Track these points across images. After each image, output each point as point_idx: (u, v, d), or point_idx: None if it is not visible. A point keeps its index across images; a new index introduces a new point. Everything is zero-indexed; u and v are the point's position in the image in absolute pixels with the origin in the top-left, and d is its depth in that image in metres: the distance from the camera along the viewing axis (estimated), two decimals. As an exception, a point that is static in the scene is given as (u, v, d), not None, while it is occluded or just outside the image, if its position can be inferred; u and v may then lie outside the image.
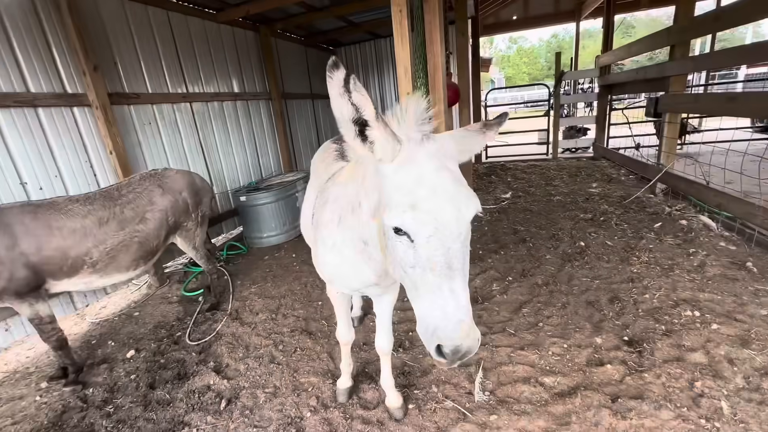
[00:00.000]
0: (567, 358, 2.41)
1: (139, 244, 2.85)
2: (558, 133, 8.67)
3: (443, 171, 1.03)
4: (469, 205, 1.01)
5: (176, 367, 2.82)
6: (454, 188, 1.00)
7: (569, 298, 3.06)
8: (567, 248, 3.91)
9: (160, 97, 4.29)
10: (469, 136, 1.21)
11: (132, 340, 3.23)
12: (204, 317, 3.45)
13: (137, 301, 3.88)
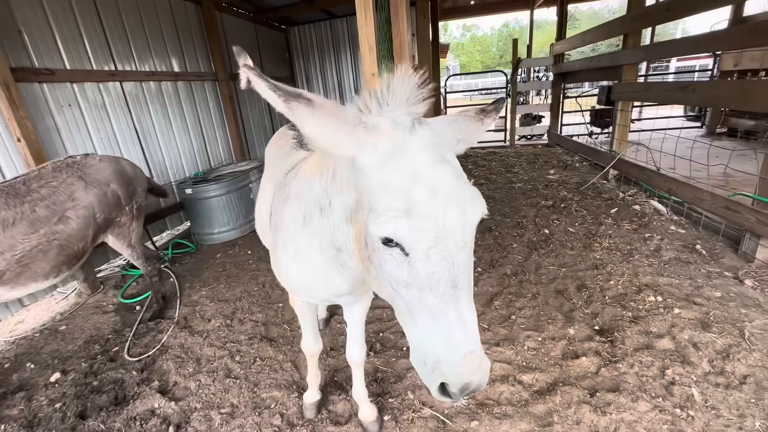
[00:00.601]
0: (542, 352, 2.35)
1: (59, 247, 2.40)
2: (515, 120, 8.81)
3: (443, 165, 0.83)
4: (475, 207, 0.83)
5: (113, 389, 2.44)
6: (457, 186, 0.81)
7: (539, 288, 3.03)
8: (532, 236, 3.92)
9: (81, 74, 3.67)
10: (467, 122, 1.02)
11: (57, 360, 2.77)
12: (146, 328, 3.05)
13: (64, 313, 3.37)
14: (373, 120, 0.91)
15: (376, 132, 0.88)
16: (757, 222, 2.93)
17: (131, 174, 2.87)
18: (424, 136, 0.87)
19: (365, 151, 0.89)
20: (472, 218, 0.83)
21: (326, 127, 0.83)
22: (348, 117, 0.86)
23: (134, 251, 2.90)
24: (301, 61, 8.62)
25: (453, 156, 0.93)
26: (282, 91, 0.77)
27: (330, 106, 0.84)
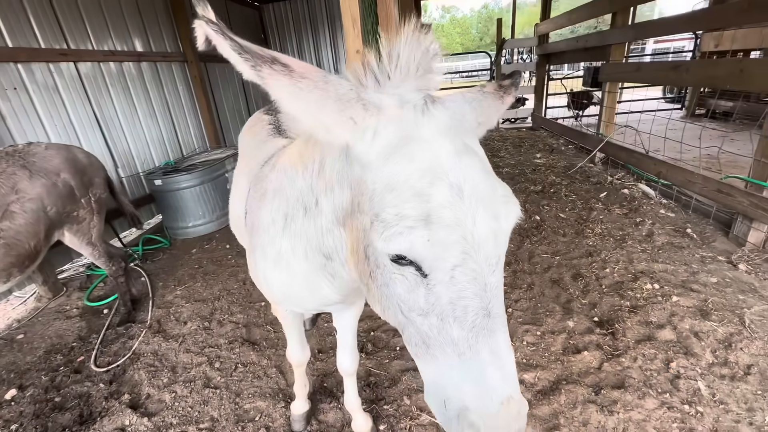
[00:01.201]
0: (542, 347, 2.25)
1: (6, 247, 2.11)
2: (499, 103, 8.64)
3: (468, 156, 0.66)
4: (509, 211, 0.67)
5: (77, 405, 2.21)
6: (487, 184, 0.64)
7: (534, 278, 2.92)
8: (523, 223, 3.81)
9: (26, 52, 3.26)
10: (487, 100, 0.83)
11: (13, 374, 2.50)
12: (115, 333, 2.79)
13: (21, 320, 3.06)
14: (373, 97, 0.71)
15: (377, 112, 0.69)
16: (751, 205, 2.89)
17: (85, 163, 2.55)
18: (440, 119, 0.69)
19: (364, 138, 0.70)
20: (506, 225, 0.66)
21: (310, 103, 0.64)
22: (340, 90, 0.66)
23: (95, 249, 2.62)
24: (276, 41, 8.17)
25: (476, 143, 0.75)
26: (250, 54, 0.59)
27: (316, 75, 0.65)
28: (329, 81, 0.66)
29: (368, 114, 0.69)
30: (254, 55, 0.58)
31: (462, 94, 0.85)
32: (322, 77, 0.66)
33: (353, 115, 0.68)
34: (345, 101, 0.67)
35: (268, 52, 0.62)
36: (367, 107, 0.69)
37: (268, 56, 0.60)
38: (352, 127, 0.69)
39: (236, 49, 0.57)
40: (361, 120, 0.69)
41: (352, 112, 0.68)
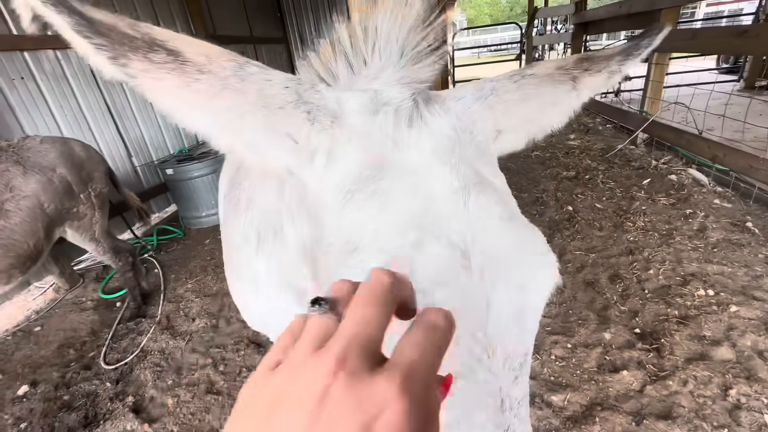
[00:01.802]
0: (574, 363, 1.99)
1: (3, 248, 2.05)
2: (530, 79, 8.04)
3: (479, 194, 0.47)
4: (543, 279, 0.48)
5: (84, 405, 2.17)
6: (509, 238, 0.46)
7: (565, 279, 2.63)
8: (554, 214, 3.47)
9: (31, 40, 3.17)
10: (540, 88, 0.57)
11: (28, 368, 2.51)
12: (126, 328, 2.76)
13: (40, 311, 3.09)
14: (327, 99, 0.50)
15: (332, 124, 0.48)
16: (832, 197, 2.44)
17: (83, 156, 2.45)
18: (436, 131, 0.50)
19: (312, 165, 0.50)
20: (538, 299, 0.47)
21: (217, 113, 0.44)
22: (268, 90, 0.45)
23: (99, 246, 2.55)
24: (294, 21, 7.86)
25: (493, 167, 0.54)
26: (109, 38, 0.37)
27: (225, 67, 0.43)
28: (249, 75, 0.44)
29: (316, 127, 0.48)
30: (116, 40, 0.37)
31: (477, 86, 0.60)
32: (236, 69, 0.44)
33: (291, 130, 0.47)
34: (276, 108, 0.45)
35: (145, 31, 0.39)
36: (314, 117, 0.48)
37: (142, 39, 0.39)
38: (291, 149, 0.48)
39: (82, 30, 0.36)
40: (305, 137, 0.48)
41: (288, 126, 0.47)
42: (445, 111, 0.55)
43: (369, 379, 0.23)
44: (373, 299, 0.27)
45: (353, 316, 0.26)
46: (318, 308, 0.28)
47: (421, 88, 0.56)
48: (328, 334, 0.26)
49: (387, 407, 0.21)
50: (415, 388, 0.23)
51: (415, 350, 0.25)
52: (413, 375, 0.23)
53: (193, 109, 0.43)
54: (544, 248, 0.50)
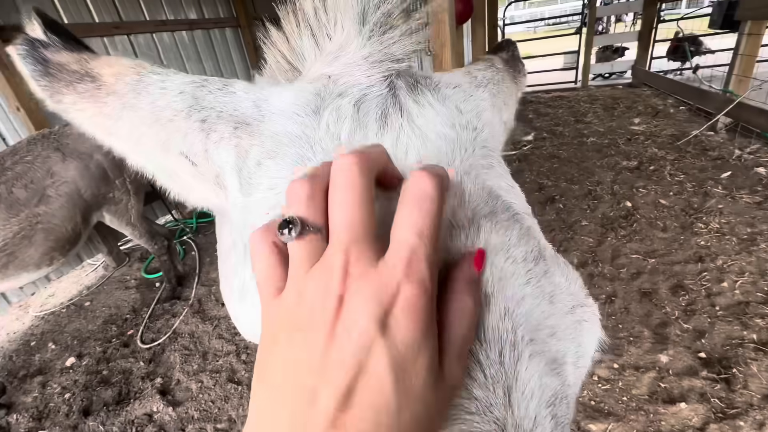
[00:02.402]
0: (620, 387, 1.74)
1: (45, 232, 2.15)
2: (590, 55, 7.27)
3: (495, 232, 0.34)
4: (583, 346, 0.34)
5: (119, 382, 2.29)
6: (540, 300, 0.32)
7: (616, 286, 2.33)
8: (608, 210, 3.10)
9: (81, 28, 3.29)
10: (505, 83, 0.51)
11: (76, 341, 2.70)
12: (162, 309, 2.87)
13: (91, 287, 3.32)
14: (239, 100, 0.39)
15: (233, 131, 0.38)
16: None
17: None
18: (425, 132, 0.38)
19: (221, 191, 0.41)
20: (576, 377, 0.33)
21: (126, 139, 0.40)
22: (159, 101, 0.38)
23: (136, 230, 2.64)
24: None
25: (506, 179, 0.40)
26: (52, 76, 0.38)
27: (126, 82, 0.38)
28: (145, 87, 0.38)
29: (212, 139, 0.37)
30: (58, 77, 0.38)
31: (467, 72, 0.45)
32: (135, 83, 0.38)
33: (184, 148, 0.38)
34: (166, 121, 0.38)
35: (88, 65, 0.38)
36: (210, 126, 0.37)
37: (79, 72, 0.38)
38: (192, 173, 0.39)
39: (34, 74, 0.38)
40: (201, 154, 0.38)
41: (181, 142, 0.38)
42: (441, 100, 0.40)
43: (376, 273, 0.23)
44: (349, 185, 0.25)
45: (337, 215, 0.25)
46: (290, 233, 0.25)
47: (399, 68, 0.40)
48: (318, 249, 0.25)
49: (397, 295, 0.23)
50: (420, 270, 0.24)
51: (411, 233, 0.24)
52: (415, 258, 0.24)
53: (109, 136, 0.40)
54: (582, 297, 0.36)
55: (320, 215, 0.26)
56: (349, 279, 0.23)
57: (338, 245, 0.24)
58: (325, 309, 0.23)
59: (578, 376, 0.34)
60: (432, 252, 0.25)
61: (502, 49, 0.58)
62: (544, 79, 7.92)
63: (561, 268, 0.36)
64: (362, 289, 0.23)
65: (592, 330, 0.35)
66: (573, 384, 0.33)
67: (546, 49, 8.59)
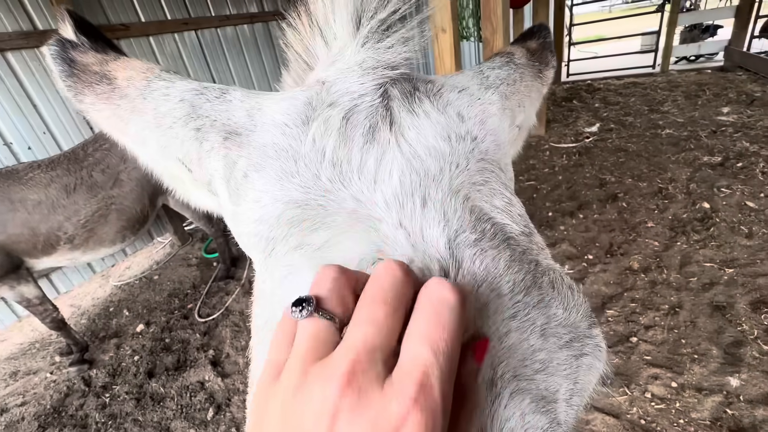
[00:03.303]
0: (677, 408, 1.57)
1: (117, 212, 2.41)
2: (674, 36, 6.48)
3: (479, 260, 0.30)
4: (580, 381, 0.31)
5: (178, 350, 2.53)
6: (529, 336, 0.30)
7: (683, 297, 2.09)
8: (681, 211, 2.77)
9: (155, 26, 3.60)
10: (525, 80, 0.47)
11: (146, 310, 3.02)
12: (217, 287, 3.11)
13: (159, 262, 3.68)
14: (234, 108, 0.40)
15: (222, 141, 0.38)
16: None
17: None
18: (413, 147, 0.35)
19: (214, 198, 0.44)
20: (569, 414, 0.30)
21: (136, 142, 0.43)
22: (162, 107, 0.39)
23: (196, 213, 2.86)
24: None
25: (506, 197, 0.36)
26: (77, 77, 0.41)
27: (137, 86, 0.40)
28: (151, 92, 0.39)
29: (205, 147, 0.39)
30: (82, 78, 0.40)
31: (479, 71, 0.43)
32: (143, 88, 0.40)
33: (180, 154, 0.40)
34: (166, 128, 0.39)
35: (107, 67, 0.40)
36: (203, 135, 0.38)
37: (99, 74, 0.40)
38: (190, 180, 0.43)
39: (61, 74, 0.40)
40: (196, 161, 0.40)
41: (179, 149, 0.40)
42: (440, 108, 0.38)
43: (380, 396, 0.21)
44: (382, 298, 0.23)
45: (359, 319, 0.23)
46: (301, 311, 0.24)
47: (393, 75, 0.38)
48: (326, 340, 0.23)
49: (401, 429, 0.20)
50: (431, 397, 0.21)
51: (425, 348, 0.22)
52: (428, 382, 0.21)
53: (123, 137, 0.42)
54: (583, 328, 0.32)
55: (340, 307, 0.24)
56: (350, 392, 0.20)
57: (350, 348, 0.22)
58: (316, 427, 0.20)
59: (571, 414, 0.30)
60: (448, 372, 0.22)
61: (532, 35, 0.53)
62: (616, 63, 7.22)
63: (562, 296, 0.32)
64: (360, 416, 0.20)
65: (592, 365, 0.31)
66: (564, 422, 0.30)
67: (621, 31, 7.82)
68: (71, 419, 2.17)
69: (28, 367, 2.67)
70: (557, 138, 4.61)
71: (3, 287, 2.23)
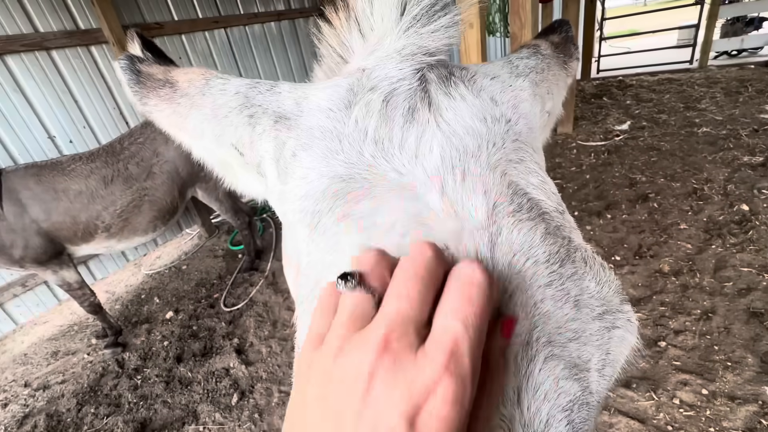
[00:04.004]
0: (707, 416, 1.52)
1: (150, 203, 2.52)
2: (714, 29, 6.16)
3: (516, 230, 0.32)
4: (612, 352, 0.32)
5: (205, 337, 2.62)
6: (563, 304, 0.31)
7: (716, 302, 2.01)
8: (717, 213, 2.65)
9: (187, 24, 3.72)
10: (552, 69, 0.48)
11: (175, 298, 3.15)
12: (242, 278, 3.20)
13: (188, 253, 3.82)
14: (283, 99, 0.43)
15: (273, 124, 0.42)
16: None
17: None
18: (452, 126, 0.36)
19: (266, 182, 0.46)
20: (601, 385, 0.31)
21: (194, 134, 0.46)
22: (218, 100, 0.43)
23: (222, 205, 2.96)
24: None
25: (540, 175, 0.37)
26: (142, 84, 0.47)
27: (196, 85, 0.44)
28: (209, 88, 0.44)
29: (257, 131, 0.42)
30: (147, 85, 0.46)
31: (508, 62, 0.47)
32: (202, 85, 0.44)
33: (234, 139, 0.43)
34: (222, 117, 0.43)
35: (170, 75, 0.45)
36: (256, 120, 0.42)
37: (163, 80, 0.45)
38: (241, 164, 0.46)
39: (129, 82, 0.46)
40: (248, 145, 0.43)
41: (232, 135, 0.43)
42: (475, 92, 0.40)
43: (413, 362, 0.22)
44: (414, 274, 0.25)
45: (394, 293, 0.25)
46: (346, 284, 0.26)
47: (431, 61, 0.40)
48: (365, 312, 0.25)
49: (433, 392, 0.21)
50: (462, 365, 0.22)
51: (456, 321, 0.23)
52: (458, 351, 0.23)
53: (180, 131, 0.46)
54: (615, 303, 0.33)
55: (378, 281, 0.27)
56: (386, 357, 0.22)
57: (384, 317, 0.24)
58: (354, 389, 0.22)
59: (603, 384, 0.32)
60: (477, 344, 0.24)
61: (554, 30, 0.55)
62: (650, 59, 6.93)
63: (594, 271, 0.33)
64: (395, 379, 0.22)
65: (623, 338, 0.32)
66: (596, 392, 0.31)
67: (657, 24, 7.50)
68: (106, 398, 2.30)
69: (67, 347, 2.84)
70: (585, 136, 4.48)
71: (47, 271, 2.38)
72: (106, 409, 2.20)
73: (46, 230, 2.29)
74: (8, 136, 2.78)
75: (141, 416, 2.12)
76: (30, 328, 3.17)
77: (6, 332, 3.08)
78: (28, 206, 2.24)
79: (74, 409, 2.24)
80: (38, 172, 2.29)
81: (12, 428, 2.21)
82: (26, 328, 3.18)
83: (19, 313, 3.03)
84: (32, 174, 2.28)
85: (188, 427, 2.00)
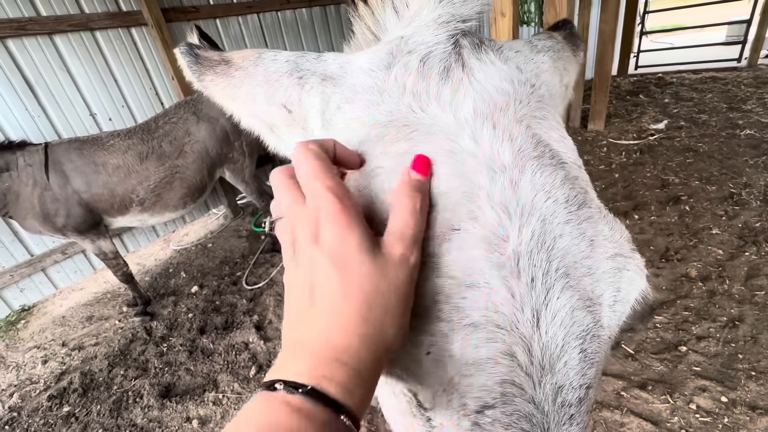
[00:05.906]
0: (725, 424, 1.48)
1: (180, 180, 2.64)
2: (767, 25, 5.76)
3: (539, 173, 0.36)
4: (622, 290, 0.36)
5: (227, 312, 2.74)
6: (577, 231, 0.35)
7: (745, 310, 1.93)
8: (754, 219, 2.53)
9: (222, 8, 3.80)
10: (563, 50, 0.53)
11: (200, 273, 3.28)
12: (264, 259, 3.31)
13: (213, 232, 3.97)
14: (329, 64, 0.47)
15: (321, 82, 0.46)
16: None
17: None
18: (483, 84, 0.40)
19: (306, 133, 0.51)
20: (612, 319, 0.35)
21: (245, 101, 0.51)
22: (270, 67, 0.48)
23: (248, 187, 3.05)
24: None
25: (559, 132, 0.41)
26: (200, 64, 0.52)
27: (249, 59, 0.49)
28: (262, 60, 0.48)
29: (306, 90, 0.47)
30: (204, 65, 0.51)
31: (528, 41, 0.51)
32: (255, 58, 0.49)
33: (284, 99, 0.48)
34: (274, 81, 0.48)
35: (225, 56, 0.50)
36: (304, 81, 0.47)
37: (217, 60, 0.50)
38: (287, 121, 0.49)
39: (189, 63, 0.51)
40: (296, 102, 0.47)
41: (282, 96, 0.48)
42: (503, 60, 0.43)
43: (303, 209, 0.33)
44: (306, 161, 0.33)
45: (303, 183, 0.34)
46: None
47: (464, 27, 0.44)
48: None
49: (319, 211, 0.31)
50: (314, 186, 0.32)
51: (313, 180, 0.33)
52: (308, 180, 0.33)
53: (232, 102, 0.51)
54: (626, 248, 0.37)
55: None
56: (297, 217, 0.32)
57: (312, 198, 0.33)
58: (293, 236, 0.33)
59: (614, 320, 0.35)
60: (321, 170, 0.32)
61: (558, 29, 0.59)
62: (694, 56, 6.57)
63: (607, 220, 0.37)
64: (299, 222, 0.32)
65: (633, 279, 0.36)
66: (607, 326, 0.35)
67: (704, 19, 7.08)
68: (134, 362, 2.44)
69: (100, 313, 3.03)
70: (617, 134, 4.33)
71: (85, 240, 2.54)
72: (134, 372, 2.35)
73: (87, 201, 2.43)
74: (54, 112, 2.95)
75: (166, 381, 2.25)
76: (68, 293, 3.39)
77: (47, 295, 3.31)
78: (71, 177, 2.38)
79: (106, 370, 2.40)
80: (80, 146, 2.43)
81: (51, 383, 2.39)
82: (65, 293, 3.40)
83: (59, 279, 3.25)
84: (75, 148, 2.42)
85: (209, 393, 2.11)
